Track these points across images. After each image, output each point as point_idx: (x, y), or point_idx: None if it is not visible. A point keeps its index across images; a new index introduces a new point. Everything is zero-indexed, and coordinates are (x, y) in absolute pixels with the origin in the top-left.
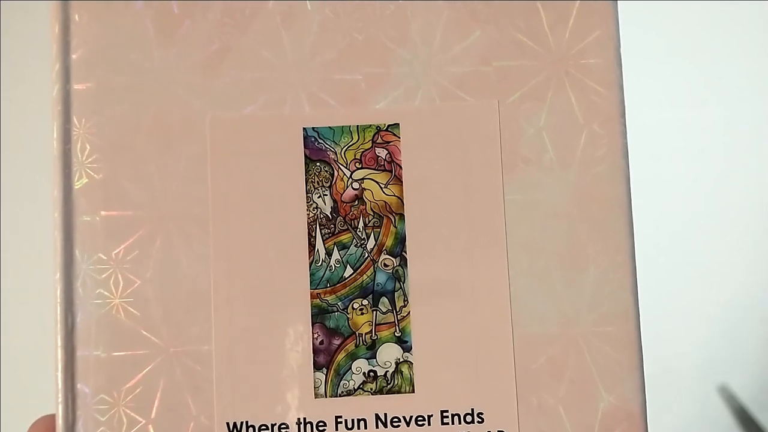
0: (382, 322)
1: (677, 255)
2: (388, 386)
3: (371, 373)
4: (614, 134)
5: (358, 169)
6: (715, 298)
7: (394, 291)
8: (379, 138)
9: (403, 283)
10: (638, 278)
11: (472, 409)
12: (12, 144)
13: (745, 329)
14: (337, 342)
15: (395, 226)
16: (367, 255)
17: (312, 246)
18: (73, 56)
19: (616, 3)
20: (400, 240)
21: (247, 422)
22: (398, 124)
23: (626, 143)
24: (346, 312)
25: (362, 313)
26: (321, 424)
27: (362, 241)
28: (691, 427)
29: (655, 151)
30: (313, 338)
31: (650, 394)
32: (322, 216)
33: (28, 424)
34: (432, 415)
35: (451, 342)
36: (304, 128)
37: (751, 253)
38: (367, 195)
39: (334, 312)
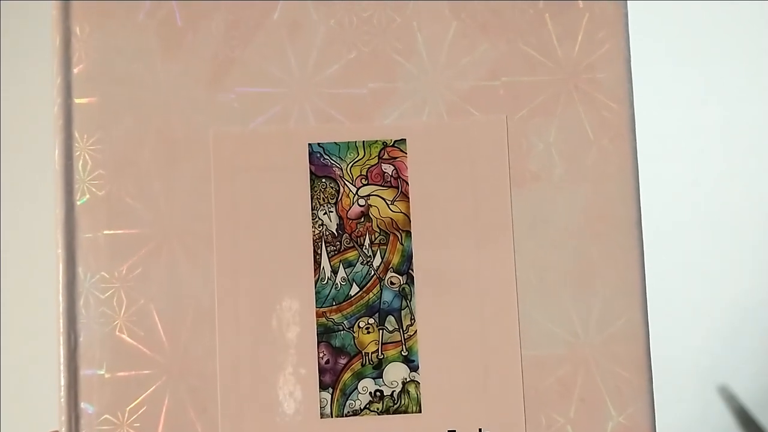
0: (388, 341)
1: (677, 255)
2: (395, 406)
3: (378, 393)
4: (625, 150)
5: (364, 185)
6: (716, 299)
7: (400, 309)
8: (386, 154)
9: (409, 302)
10: None
11: (480, 430)
12: (12, 144)
13: (746, 330)
14: (343, 361)
15: (402, 244)
16: (373, 273)
17: (317, 264)
18: (75, 70)
19: (627, 15)
20: (407, 257)
21: None
22: (405, 139)
23: (636, 160)
24: (352, 331)
25: (368, 332)
26: None
27: (368, 259)
28: (692, 427)
29: (655, 152)
30: (318, 357)
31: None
32: (327, 233)
33: None
34: None
35: (458, 361)
36: (309, 144)
37: (752, 254)
38: (373, 212)
39: (340, 331)
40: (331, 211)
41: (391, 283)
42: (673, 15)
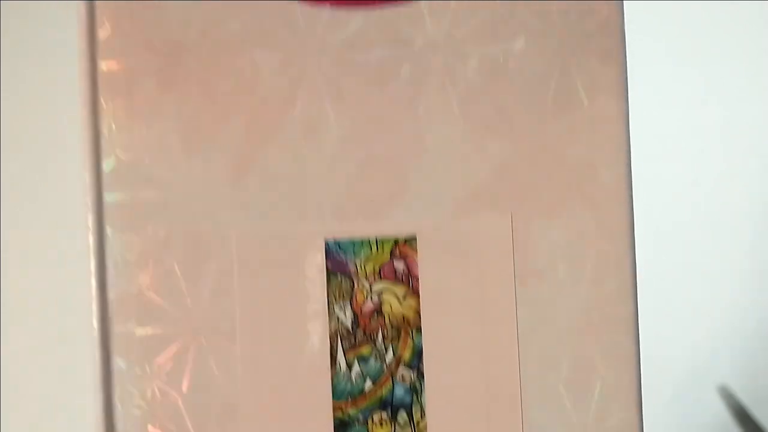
0: None
1: (677, 255)
2: None
3: None
4: (623, 252)
5: (377, 281)
6: (716, 299)
7: (411, 404)
8: (397, 251)
9: (420, 397)
10: (638, 278)
11: None
12: (12, 144)
13: (746, 330)
14: None
15: (412, 339)
16: (385, 368)
17: (333, 358)
18: (104, 167)
19: (627, 114)
20: (417, 353)
21: None
22: (415, 237)
23: (634, 260)
24: (367, 425)
25: (382, 426)
26: None
27: (381, 354)
28: (691, 427)
29: (654, 152)
30: None
31: (651, 394)
32: (343, 328)
33: None
34: None
35: None
36: (326, 241)
37: (752, 254)
38: (385, 308)
39: (355, 425)
40: (347, 307)
41: (402, 378)
42: (672, 15)
